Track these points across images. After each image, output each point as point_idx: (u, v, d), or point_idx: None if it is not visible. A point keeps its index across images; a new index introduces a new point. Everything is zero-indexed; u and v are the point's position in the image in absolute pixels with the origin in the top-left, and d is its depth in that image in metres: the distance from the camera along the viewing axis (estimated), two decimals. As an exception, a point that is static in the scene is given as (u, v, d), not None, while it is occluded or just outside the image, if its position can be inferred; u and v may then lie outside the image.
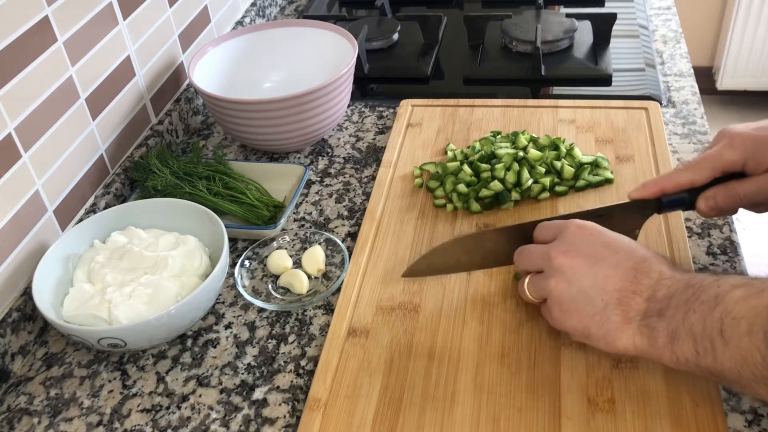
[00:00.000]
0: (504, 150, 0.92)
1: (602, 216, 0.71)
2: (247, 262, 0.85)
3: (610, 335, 0.62)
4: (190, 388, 0.74)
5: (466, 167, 0.92)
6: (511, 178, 0.89)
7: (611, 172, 0.91)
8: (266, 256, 0.86)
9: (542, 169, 0.90)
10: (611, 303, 0.62)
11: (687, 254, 0.79)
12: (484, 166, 0.91)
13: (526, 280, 0.69)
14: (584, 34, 1.25)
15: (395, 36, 1.29)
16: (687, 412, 0.64)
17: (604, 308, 0.62)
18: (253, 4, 1.38)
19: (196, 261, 0.80)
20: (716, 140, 0.73)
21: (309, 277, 0.83)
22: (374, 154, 1.04)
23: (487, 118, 1.05)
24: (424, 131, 1.04)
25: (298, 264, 0.85)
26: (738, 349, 0.54)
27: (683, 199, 0.72)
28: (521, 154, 0.91)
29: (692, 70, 1.16)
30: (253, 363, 0.75)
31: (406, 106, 1.09)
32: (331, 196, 0.97)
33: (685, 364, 0.59)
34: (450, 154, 0.96)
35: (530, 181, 0.89)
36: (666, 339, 0.59)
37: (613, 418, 0.64)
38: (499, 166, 0.90)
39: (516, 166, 0.90)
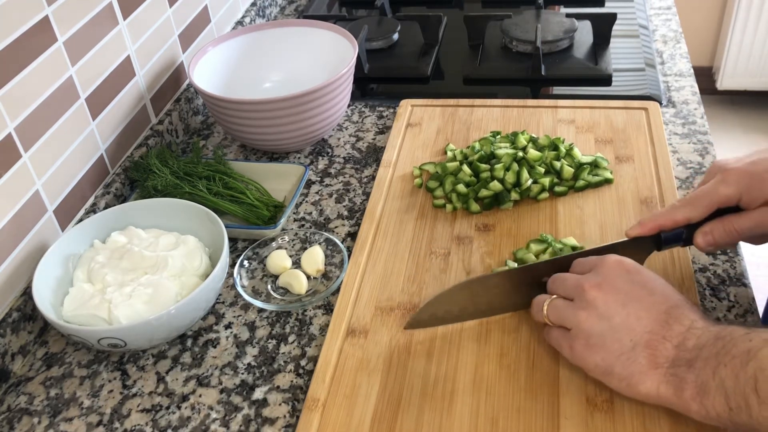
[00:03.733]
0: (503, 150, 0.92)
1: (603, 254, 0.70)
2: (246, 263, 0.85)
3: (634, 377, 0.60)
4: (190, 388, 0.74)
5: (465, 167, 0.92)
6: (510, 178, 0.89)
7: (611, 173, 0.91)
8: (266, 256, 0.86)
9: (542, 170, 0.90)
10: (640, 345, 0.60)
11: (686, 254, 0.79)
12: (483, 166, 0.91)
13: (547, 301, 0.67)
14: (584, 34, 1.25)
15: (395, 36, 1.29)
16: (685, 412, 0.64)
17: (632, 349, 0.60)
18: (253, 4, 1.38)
19: (196, 261, 0.80)
20: (709, 174, 0.73)
21: (308, 277, 0.83)
22: (374, 154, 1.04)
23: (487, 118, 1.05)
24: (424, 131, 1.04)
25: (297, 264, 0.85)
26: None
27: (681, 234, 0.72)
28: (521, 154, 0.91)
29: (692, 70, 1.16)
30: (253, 363, 0.75)
31: (406, 106, 1.09)
32: (331, 196, 0.97)
33: (716, 419, 0.57)
34: (449, 154, 0.96)
35: (530, 182, 0.89)
36: (694, 392, 0.57)
37: (611, 418, 0.64)
38: (498, 166, 0.90)
39: (515, 166, 0.90)
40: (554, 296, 0.67)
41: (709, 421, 0.58)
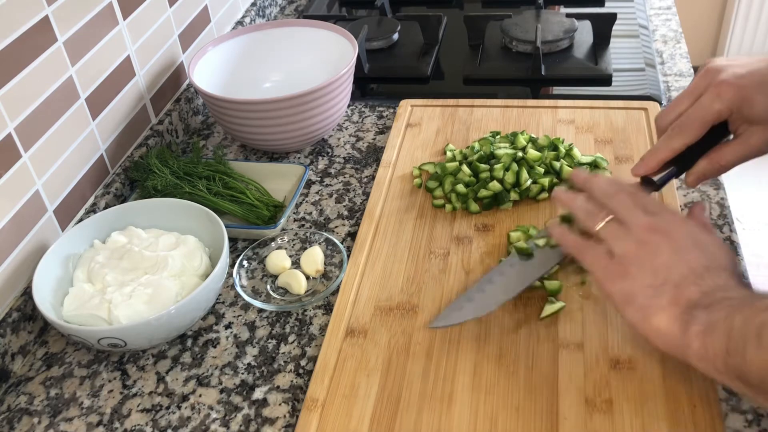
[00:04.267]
0: (503, 150, 0.92)
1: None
2: (246, 263, 0.85)
3: (651, 309, 0.61)
4: (190, 388, 0.74)
5: (465, 167, 0.92)
6: (509, 178, 0.89)
7: (610, 173, 0.91)
8: (266, 256, 0.86)
9: (541, 170, 0.90)
10: (669, 283, 0.62)
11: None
12: (483, 166, 0.91)
13: (608, 218, 0.67)
14: (584, 34, 1.25)
15: (395, 36, 1.29)
16: (684, 412, 0.64)
17: (662, 284, 0.62)
18: (253, 4, 1.38)
19: (196, 261, 0.80)
20: (702, 79, 0.74)
21: (307, 277, 0.84)
22: (374, 154, 1.04)
23: (487, 119, 1.05)
24: (424, 131, 1.04)
25: (297, 264, 0.85)
26: None
27: (673, 171, 0.74)
28: (520, 154, 0.91)
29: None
30: (253, 363, 0.76)
31: (406, 106, 1.09)
32: (331, 196, 0.97)
33: (711, 360, 0.57)
34: (449, 154, 0.96)
35: (529, 182, 0.89)
36: (700, 329, 0.58)
37: (610, 418, 0.64)
38: (498, 166, 0.90)
39: (515, 166, 0.90)
40: (611, 217, 0.67)
41: (704, 361, 0.58)
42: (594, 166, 0.92)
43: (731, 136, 0.73)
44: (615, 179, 0.72)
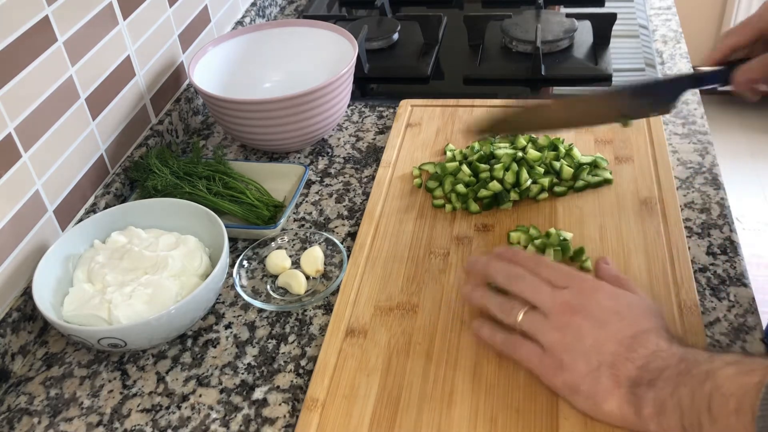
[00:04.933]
0: (503, 150, 0.92)
1: (646, 91, 0.80)
2: (246, 263, 0.85)
3: (598, 396, 0.61)
4: (190, 388, 0.74)
5: (464, 167, 0.92)
6: (509, 178, 0.89)
7: (610, 173, 0.91)
8: (266, 256, 0.86)
9: (541, 170, 0.90)
10: (604, 365, 0.62)
11: (686, 254, 0.79)
12: (483, 166, 0.91)
13: (524, 311, 0.67)
14: (584, 34, 1.25)
15: (395, 36, 1.29)
16: (685, 412, 0.64)
17: (597, 368, 0.62)
18: (253, 4, 1.38)
19: (196, 261, 0.80)
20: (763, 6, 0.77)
21: (307, 277, 0.84)
22: (374, 154, 1.04)
23: (487, 118, 1.05)
24: (424, 131, 1.04)
25: (297, 264, 0.85)
26: (725, 428, 0.53)
27: (720, 72, 0.76)
28: (520, 154, 0.91)
29: (692, 70, 1.16)
30: (253, 363, 0.76)
31: (406, 106, 1.09)
32: (331, 196, 0.97)
33: None
34: (449, 154, 0.96)
35: (529, 182, 0.89)
36: (653, 410, 0.58)
37: (610, 418, 0.64)
38: (498, 166, 0.90)
39: (515, 166, 0.90)
40: (527, 307, 0.67)
41: None
42: (594, 165, 0.92)
43: None
44: (509, 253, 0.73)
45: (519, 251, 0.73)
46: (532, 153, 0.91)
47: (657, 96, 0.80)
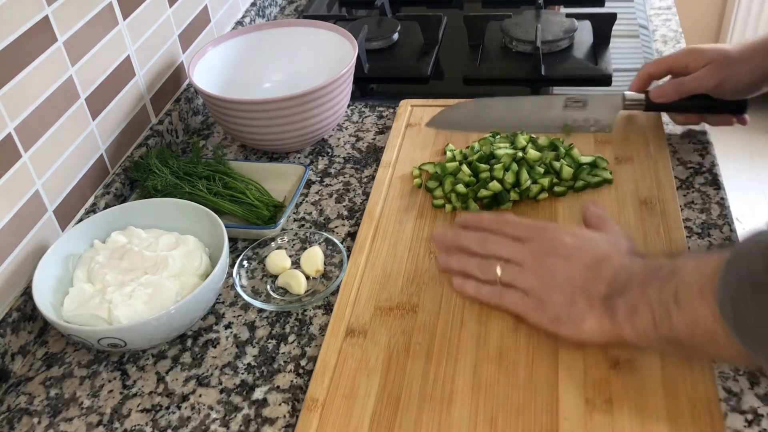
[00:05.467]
0: (503, 150, 0.92)
1: (578, 103, 0.99)
2: (246, 263, 0.85)
3: (577, 318, 0.68)
4: (190, 388, 0.74)
5: (464, 167, 0.92)
6: (509, 178, 0.89)
7: (610, 173, 0.91)
8: (266, 256, 0.86)
9: (541, 170, 0.90)
10: (577, 291, 0.69)
11: (685, 255, 0.79)
12: (483, 166, 0.91)
13: (500, 265, 0.75)
14: (584, 34, 1.25)
15: (395, 36, 1.29)
16: (684, 412, 0.64)
17: (572, 295, 0.69)
18: (253, 4, 1.38)
19: (196, 261, 0.80)
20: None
21: (307, 277, 0.84)
22: (374, 154, 1.04)
23: (487, 119, 1.05)
24: (423, 131, 1.04)
25: (297, 264, 0.85)
26: (691, 312, 0.59)
27: (642, 103, 0.97)
28: (520, 154, 0.91)
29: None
30: (253, 363, 0.76)
31: (406, 106, 1.09)
32: (331, 196, 0.97)
33: (645, 338, 0.64)
34: (449, 154, 0.96)
35: (529, 182, 0.89)
36: (626, 314, 0.64)
37: (610, 418, 0.64)
38: (498, 166, 0.90)
39: (515, 166, 0.90)
40: (503, 262, 0.75)
41: (639, 341, 0.65)
42: (593, 165, 0.92)
43: None
44: (472, 219, 0.81)
45: (481, 215, 0.81)
46: (532, 153, 0.91)
47: (593, 110, 0.98)
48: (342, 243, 0.88)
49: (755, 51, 0.88)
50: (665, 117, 1.04)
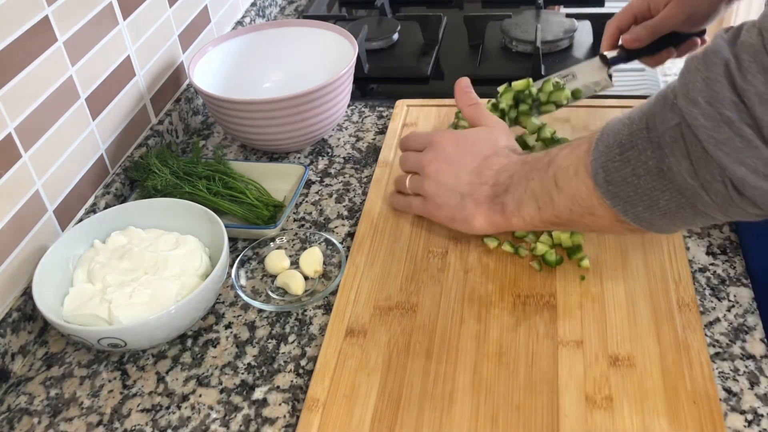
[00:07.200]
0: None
1: (568, 76, 1.00)
2: (245, 263, 0.85)
3: (468, 219, 0.78)
4: (190, 388, 0.74)
5: None
6: None
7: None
8: (265, 256, 0.86)
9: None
10: (465, 195, 0.78)
11: (683, 255, 0.79)
12: None
13: (408, 178, 0.85)
14: (584, 34, 1.25)
15: (395, 36, 1.29)
16: (684, 409, 0.64)
17: (462, 199, 0.78)
18: (253, 4, 1.38)
19: (196, 261, 0.80)
20: None
21: (306, 278, 0.84)
22: (374, 154, 1.04)
23: (487, 118, 1.05)
24: (420, 130, 1.04)
25: (296, 264, 0.85)
26: (569, 191, 0.66)
27: (622, 55, 0.98)
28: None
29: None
30: (253, 363, 0.76)
31: (402, 106, 1.09)
32: (331, 196, 0.97)
33: (531, 223, 0.72)
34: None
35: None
36: (513, 207, 0.73)
37: (611, 415, 0.64)
38: None
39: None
40: (410, 174, 0.85)
41: (526, 227, 0.74)
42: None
43: None
44: (400, 144, 0.90)
45: (407, 136, 0.89)
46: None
47: (584, 77, 1.00)
48: (342, 243, 0.88)
49: None
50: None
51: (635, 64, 1.18)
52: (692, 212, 0.58)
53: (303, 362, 0.75)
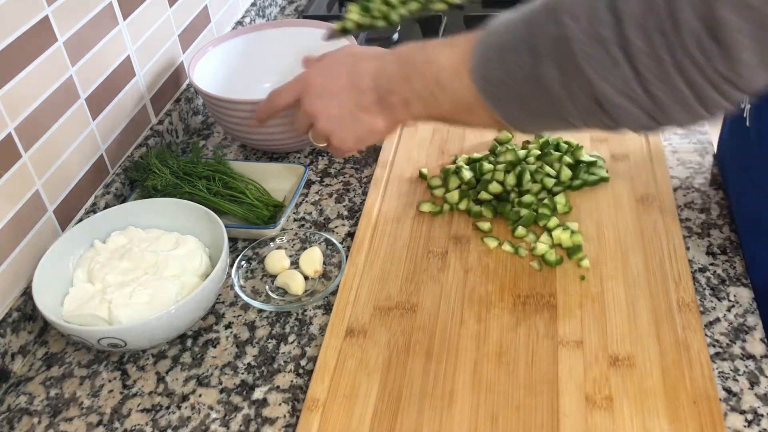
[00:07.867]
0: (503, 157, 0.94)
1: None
2: (245, 263, 0.85)
3: (370, 129, 0.76)
4: (190, 388, 0.74)
5: (465, 171, 0.92)
6: (510, 180, 0.89)
7: (607, 171, 0.91)
8: (265, 256, 0.86)
9: (549, 171, 0.91)
10: (354, 111, 0.76)
11: (683, 251, 0.79)
12: (487, 166, 0.92)
13: (309, 134, 0.83)
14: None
15: (395, 36, 1.29)
16: (684, 409, 0.64)
17: (354, 117, 0.76)
18: (253, 4, 1.38)
19: (196, 261, 0.80)
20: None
21: (306, 277, 0.84)
22: (374, 154, 1.04)
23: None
24: (420, 131, 1.04)
25: (296, 264, 0.85)
26: (451, 91, 0.67)
27: None
28: (522, 153, 0.92)
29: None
30: (253, 363, 0.76)
31: (405, 106, 1.09)
32: (331, 195, 0.97)
33: (419, 119, 0.73)
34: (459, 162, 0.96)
35: (530, 184, 0.89)
36: (402, 107, 0.72)
37: (611, 415, 0.64)
38: (500, 166, 0.90)
39: (517, 169, 0.90)
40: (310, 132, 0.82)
41: (415, 122, 0.77)
42: (590, 164, 0.92)
43: None
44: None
45: (271, 98, 0.85)
46: (535, 152, 0.92)
47: None
48: (342, 243, 0.88)
49: None
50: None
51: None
52: (557, 118, 0.61)
53: (303, 362, 0.75)
